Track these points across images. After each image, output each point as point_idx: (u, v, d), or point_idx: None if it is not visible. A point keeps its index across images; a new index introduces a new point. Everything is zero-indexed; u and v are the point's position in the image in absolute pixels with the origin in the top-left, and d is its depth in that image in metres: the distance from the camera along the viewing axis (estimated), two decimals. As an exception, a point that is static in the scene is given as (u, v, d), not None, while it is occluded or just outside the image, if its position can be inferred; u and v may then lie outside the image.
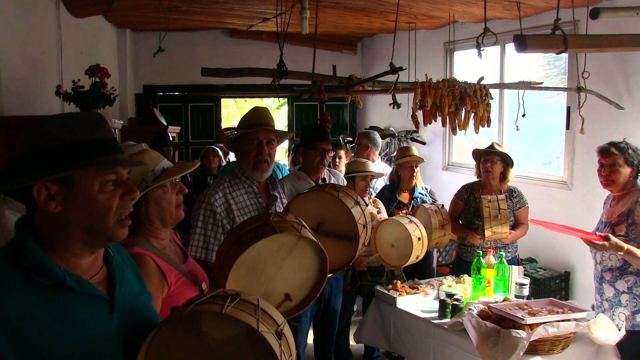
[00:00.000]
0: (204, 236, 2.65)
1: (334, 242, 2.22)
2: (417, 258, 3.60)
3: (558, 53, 2.09)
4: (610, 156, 3.28)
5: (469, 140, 6.86)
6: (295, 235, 1.70)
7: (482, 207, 3.92)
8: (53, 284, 1.20)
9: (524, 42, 1.90)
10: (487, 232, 3.90)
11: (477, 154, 4.29)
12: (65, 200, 1.22)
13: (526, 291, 3.54)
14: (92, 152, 1.24)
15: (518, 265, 4.10)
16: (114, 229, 1.28)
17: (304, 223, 1.80)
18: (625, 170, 3.26)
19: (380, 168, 5.35)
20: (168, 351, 1.24)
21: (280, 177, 4.27)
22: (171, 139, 5.81)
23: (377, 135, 5.57)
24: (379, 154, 5.66)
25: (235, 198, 2.75)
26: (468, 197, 4.31)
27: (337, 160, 5.22)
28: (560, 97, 5.82)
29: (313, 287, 1.81)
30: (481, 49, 2.84)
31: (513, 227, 4.10)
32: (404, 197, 4.53)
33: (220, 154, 5.98)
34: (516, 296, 3.55)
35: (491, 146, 4.21)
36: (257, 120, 2.76)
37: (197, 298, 1.29)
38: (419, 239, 3.53)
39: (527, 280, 3.58)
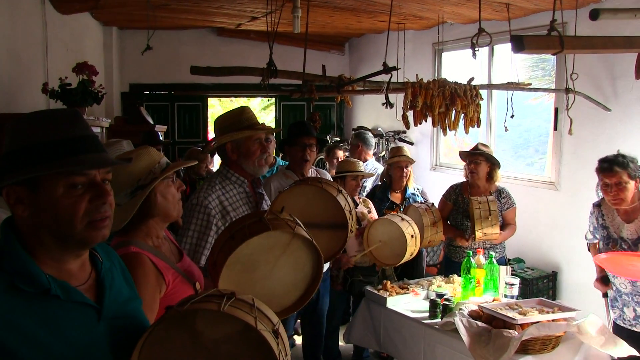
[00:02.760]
0: (196, 239, 2.62)
1: (323, 233, 2.24)
2: (411, 255, 3.60)
3: (554, 54, 2.09)
4: (615, 175, 3.20)
5: (455, 140, 6.89)
6: (289, 233, 1.67)
7: (473, 208, 3.93)
8: (38, 291, 1.15)
9: (521, 43, 1.90)
10: (478, 234, 3.91)
11: (463, 155, 4.30)
12: (32, 203, 1.17)
13: (516, 291, 3.56)
14: (55, 153, 1.17)
15: (506, 265, 4.11)
16: (84, 233, 1.20)
17: (299, 221, 1.77)
18: (631, 185, 3.20)
19: (373, 167, 5.35)
20: (162, 352, 1.21)
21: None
22: (160, 138, 5.75)
23: (369, 135, 5.58)
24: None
25: (229, 199, 2.74)
26: (456, 197, 4.32)
27: (335, 160, 5.23)
28: (545, 98, 5.87)
29: (308, 286, 1.79)
30: (476, 49, 2.84)
31: (501, 227, 4.11)
32: (396, 197, 4.53)
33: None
34: (506, 296, 3.56)
35: (475, 147, 4.23)
36: (252, 121, 2.82)
37: (191, 297, 1.26)
38: (412, 236, 3.52)
39: (516, 280, 3.60)
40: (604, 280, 3.54)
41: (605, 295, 3.59)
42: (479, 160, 4.16)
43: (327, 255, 2.29)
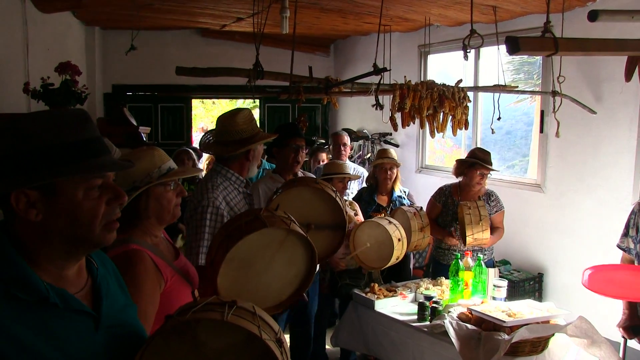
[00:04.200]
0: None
1: (320, 233, 2.29)
2: (397, 259, 3.59)
3: (548, 55, 2.10)
4: None
5: (440, 143, 6.92)
6: (284, 229, 1.72)
7: (463, 214, 3.92)
8: (35, 299, 1.10)
9: (516, 44, 1.91)
10: (469, 239, 3.90)
11: (469, 164, 4.17)
12: (47, 207, 1.12)
13: (503, 293, 3.56)
14: (74, 155, 1.13)
15: (494, 267, 4.12)
16: (100, 235, 1.19)
17: (293, 218, 1.81)
18: None
19: (353, 169, 5.36)
20: (162, 362, 1.17)
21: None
22: (144, 139, 5.65)
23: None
24: (351, 156, 5.72)
25: (233, 199, 2.79)
26: (446, 199, 4.32)
27: (317, 163, 5.21)
28: (527, 101, 5.94)
29: (301, 282, 1.83)
30: (468, 50, 2.85)
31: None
32: (383, 199, 4.52)
33: (194, 156, 5.83)
34: (494, 298, 3.57)
35: (484, 159, 4.14)
36: (258, 125, 2.95)
37: (191, 306, 1.22)
38: (399, 239, 3.51)
39: (504, 283, 3.60)
40: (634, 330, 3.16)
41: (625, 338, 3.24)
42: (487, 172, 4.14)
43: (323, 255, 2.31)
